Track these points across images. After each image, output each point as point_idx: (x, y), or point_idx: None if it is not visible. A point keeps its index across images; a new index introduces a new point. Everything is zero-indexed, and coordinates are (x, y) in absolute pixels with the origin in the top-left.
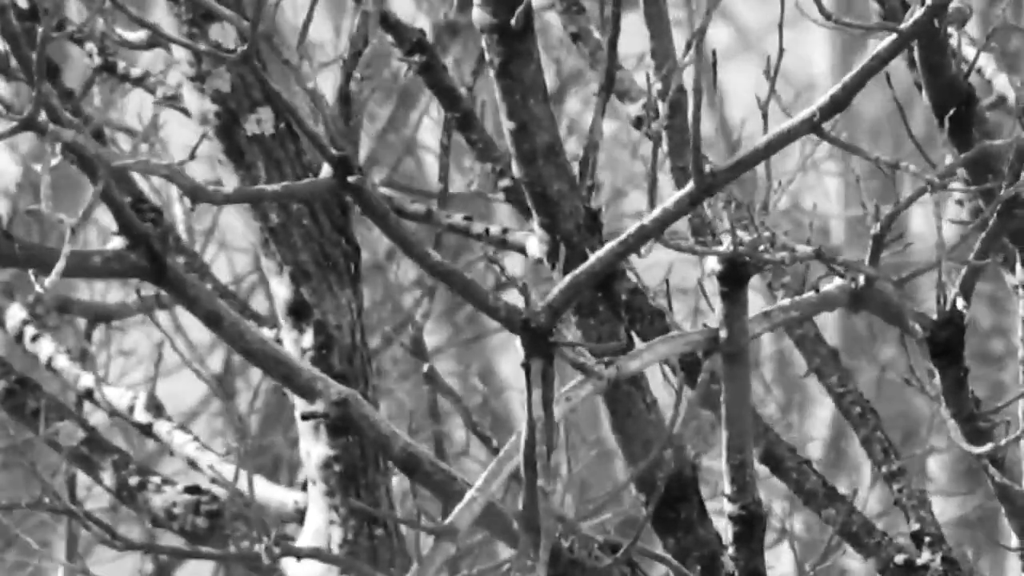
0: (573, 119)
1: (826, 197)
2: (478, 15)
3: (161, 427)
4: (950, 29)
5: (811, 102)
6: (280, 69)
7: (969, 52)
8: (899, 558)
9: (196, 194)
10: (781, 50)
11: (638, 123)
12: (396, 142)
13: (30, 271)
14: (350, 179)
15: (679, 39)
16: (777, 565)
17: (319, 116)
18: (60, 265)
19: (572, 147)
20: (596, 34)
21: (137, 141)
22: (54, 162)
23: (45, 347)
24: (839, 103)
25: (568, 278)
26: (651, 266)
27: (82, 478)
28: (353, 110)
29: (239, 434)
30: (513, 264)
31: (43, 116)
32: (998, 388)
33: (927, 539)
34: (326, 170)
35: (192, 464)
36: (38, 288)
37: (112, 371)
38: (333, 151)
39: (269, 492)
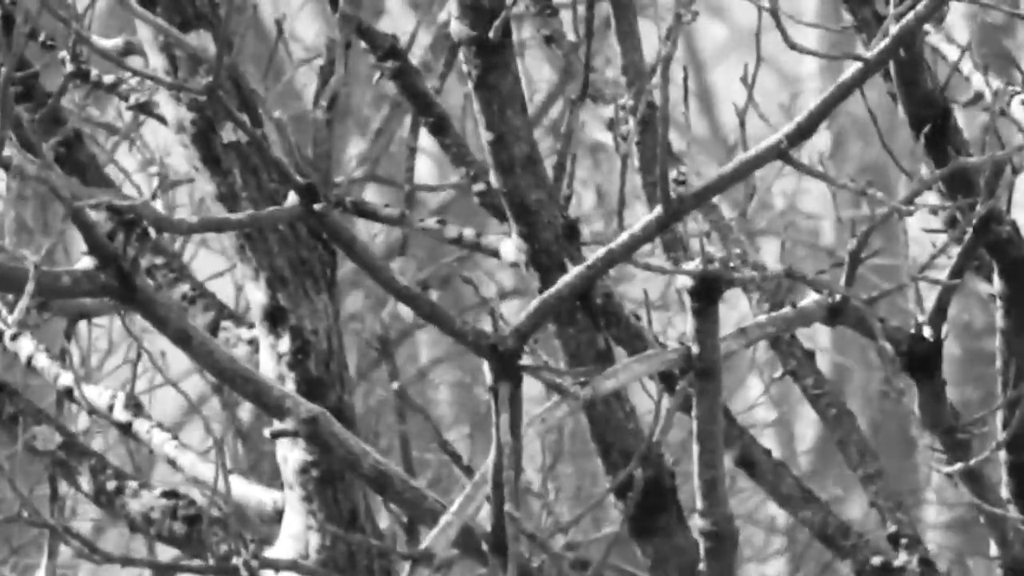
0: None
1: (817, 198)
2: (456, 28)
3: (140, 426)
4: (927, 26)
5: (801, 105)
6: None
7: (947, 49)
8: (876, 560)
9: (161, 225)
10: (759, 59)
11: (611, 125)
12: (390, 147)
13: None
14: (316, 207)
15: (654, 49)
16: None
17: (285, 144)
18: (26, 299)
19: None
20: (570, 36)
21: (119, 138)
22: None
23: (25, 345)
24: (805, 131)
25: (536, 302)
26: (633, 277)
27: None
28: (324, 134)
29: (218, 441)
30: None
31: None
32: (986, 386)
33: (904, 541)
34: (292, 198)
35: (172, 463)
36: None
37: (101, 372)
38: (299, 179)
39: (248, 492)
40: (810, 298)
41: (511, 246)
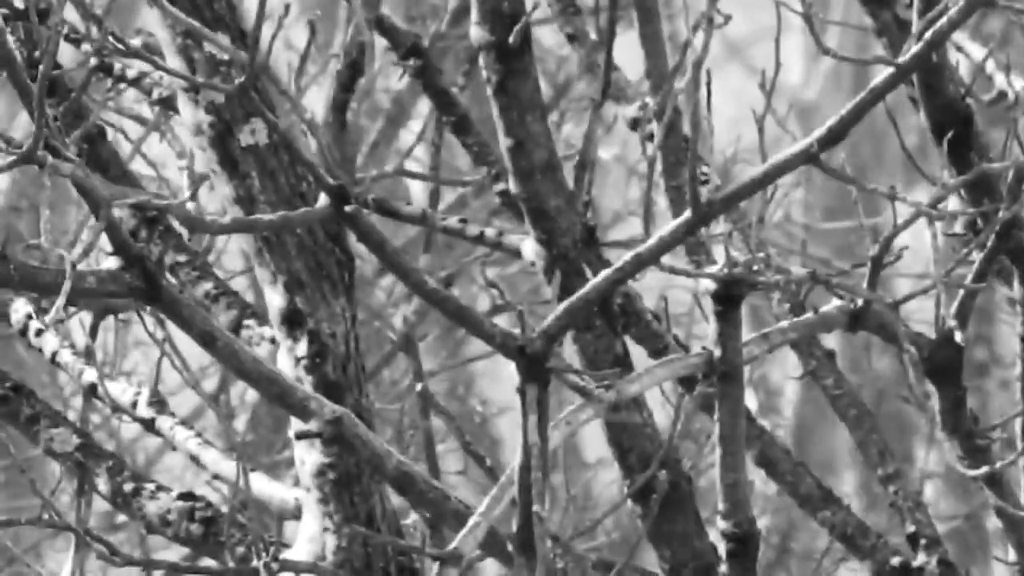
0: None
1: (796, 206)
2: (476, 33)
3: (164, 423)
4: None
5: (795, 111)
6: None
7: (969, 47)
8: (895, 560)
9: (193, 225)
10: (778, 64)
11: (634, 125)
12: (387, 155)
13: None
14: (346, 209)
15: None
16: None
17: (315, 145)
18: (62, 300)
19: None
20: (593, 35)
21: (147, 130)
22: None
23: (50, 341)
24: (836, 135)
25: (563, 305)
26: (650, 285)
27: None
28: (348, 134)
29: (237, 444)
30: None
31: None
32: (983, 396)
33: (923, 541)
34: (322, 199)
35: (194, 460)
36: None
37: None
38: (330, 180)
39: (269, 489)
40: (832, 304)
41: (532, 245)
